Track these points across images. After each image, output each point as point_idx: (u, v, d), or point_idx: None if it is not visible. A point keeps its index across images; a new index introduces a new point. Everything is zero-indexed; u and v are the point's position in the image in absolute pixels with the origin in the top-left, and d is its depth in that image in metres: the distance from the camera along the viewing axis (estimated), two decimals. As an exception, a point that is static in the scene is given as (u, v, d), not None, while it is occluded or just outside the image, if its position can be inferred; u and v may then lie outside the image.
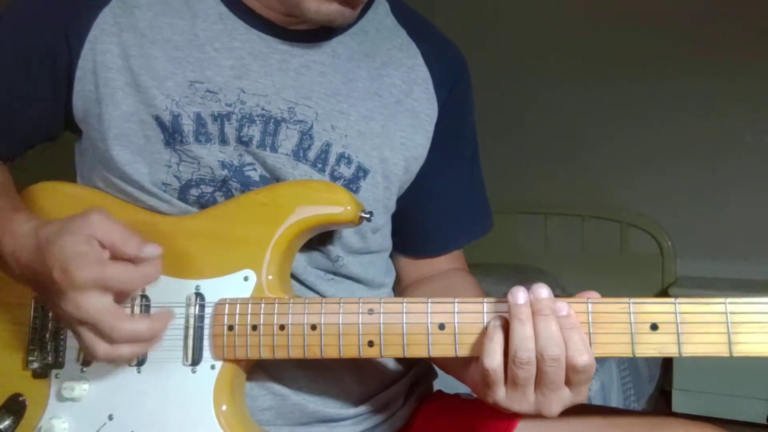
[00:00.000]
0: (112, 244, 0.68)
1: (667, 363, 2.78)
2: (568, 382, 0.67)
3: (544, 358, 0.65)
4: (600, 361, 2.25)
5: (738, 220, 2.82)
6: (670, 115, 2.91)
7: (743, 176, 2.82)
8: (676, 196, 2.93)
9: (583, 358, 0.65)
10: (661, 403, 2.79)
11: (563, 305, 0.67)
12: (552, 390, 0.67)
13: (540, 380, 0.66)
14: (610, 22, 2.94)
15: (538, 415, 0.68)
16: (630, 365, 2.44)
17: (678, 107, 2.90)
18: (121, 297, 0.69)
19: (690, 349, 0.66)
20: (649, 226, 2.98)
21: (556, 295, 0.68)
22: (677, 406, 2.71)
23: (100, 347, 0.69)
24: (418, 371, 0.96)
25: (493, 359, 0.67)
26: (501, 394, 0.68)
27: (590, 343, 0.67)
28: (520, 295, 0.66)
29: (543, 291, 0.66)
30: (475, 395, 0.77)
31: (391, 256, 0.97)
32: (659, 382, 2.77)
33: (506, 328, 0.67)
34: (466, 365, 0.73)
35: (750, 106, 2.79)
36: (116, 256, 0.68)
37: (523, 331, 0.66)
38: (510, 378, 0.67)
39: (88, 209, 0.70)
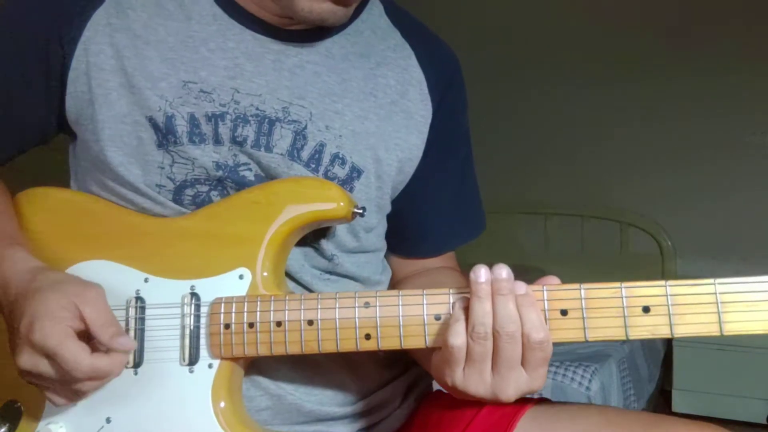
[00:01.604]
0: (91, 323, 0.70)
1: (667, 363, 2.78)
2: (524, 363, 0.69)
3: (500, 334, 0.68)
4: (600, 361, 2.25)
5: (738, 220, 2.82)
6: (670, 115, 2.92)
7: (743, 176, 2.82)
8: (676, 196, 2.93)
9: (539, 334, 0.67)
10: (661, 403, 2.79)
11: (521, 284, 0.69)
12: (508, 369, 0.68)
13: (496, 358, 0.68)
14: (611, 22, 2.94)
15: (495, 401, 0.70)
16: (630, 365, 2.44)
17: (678, 107, 2.90)
18: (65, 376, 0.70)
19: (682, 330, 0.68)
20: (649, 226, 2.98)
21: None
22: (677, 406, 2.71)
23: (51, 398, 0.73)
24: (416, 371, 0.96)
25: (457, 338, 0.69)
26: (459, 374, 0.70)
27: (584, 328, 0.69)
28: (481, 273, 0.69)
29: (503, 271, 0.69)
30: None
31: None
32: (659, 382, 2.76)
33: (469, 309, 0.69)
34: (430, 351, 0.75)
35: (750, 106, 2.79)
36: (91, 336, 0.70)
37: (481, 308, 0.68)
38: (468, 355, 0.69)
39: (92, 284, 0.73)
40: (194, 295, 0.76)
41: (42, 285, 0.70)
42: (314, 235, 0.84)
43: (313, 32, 0.84)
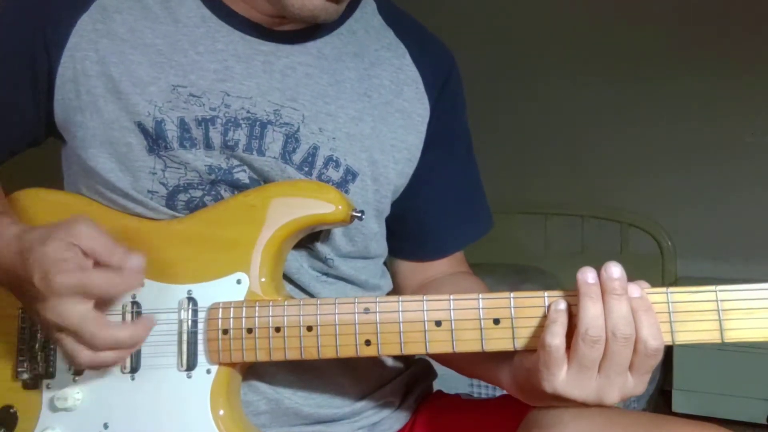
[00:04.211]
0: (95, 253, 0.67)
1: (667, 363, 2.77)
2: (633, 368, 0.66)
3: (616, 336, 0.65)
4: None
5: (738, 220, 2.82)
6: (670, 115, 2.91)
7: (743, 176, 2.81)
8: (676, 197, 2.92)
9: (656, 341, 0.65)
10: (661, 403, 2.79)
11: (635, 287, 0.67)
12: (617, 373, 0.66)
13: (606, 362, 0.66)
14: (610, 22, 2.93)
15: (597, 404, 0.67)
16: (630, 366, 2.43)
17: (678, 107, 2.89)
18: (103, 304, 0.68)
19: (683, 337, 0.67)
20: (649, 226, 2.97)
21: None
22: (677, 406, 2.70)
23: (83, 354, 0.68)
24: (415, 370, 0.95)
25: (555, 337, 0.66)
26: (561, 377, 0.67)
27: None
28: (589, 275, 0.66)
29: (616, 270, 0.66)
30: (475, 395, 0.76)
31: (389, 265, 0.96)
32: (659, 382, 2.76)
33: (569, 311, 0.67)
34: (501, 362, 0.73)
35: (750, 106, 2.79)
36: (100, 265, 0.68)
37: (594, 309, 0.65)
38: (576, 359, 0.66)
39: (74, 217, 0.69)
40: (191, 300, 0.75)
41: (33, 242, 0.68)
42: (310, 238, 0.83)
43: (304, 32, 0.83)
